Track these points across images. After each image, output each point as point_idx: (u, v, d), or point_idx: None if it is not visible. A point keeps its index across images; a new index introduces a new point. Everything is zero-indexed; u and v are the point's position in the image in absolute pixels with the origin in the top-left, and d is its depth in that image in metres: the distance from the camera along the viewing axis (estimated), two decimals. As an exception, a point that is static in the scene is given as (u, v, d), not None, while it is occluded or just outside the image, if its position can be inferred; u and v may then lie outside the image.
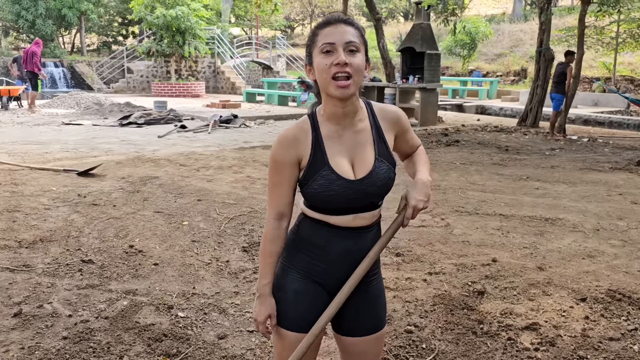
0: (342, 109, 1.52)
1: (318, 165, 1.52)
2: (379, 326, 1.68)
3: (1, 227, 4.31)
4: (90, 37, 40.12)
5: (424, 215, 4.93)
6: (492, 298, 3.26)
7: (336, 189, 1.50)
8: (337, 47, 1.46)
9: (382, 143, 1.59)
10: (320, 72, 1.47)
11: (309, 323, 1.58)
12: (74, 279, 3.46)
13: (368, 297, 1.65)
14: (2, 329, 2.80)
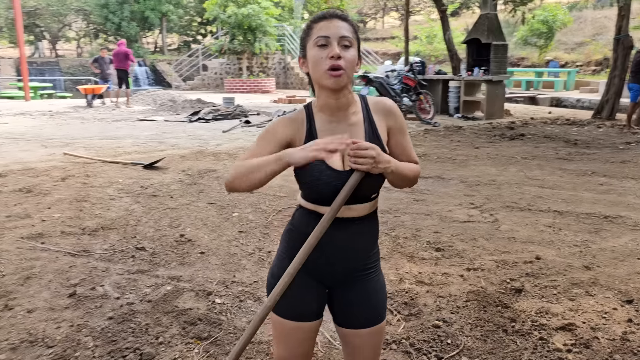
0: (335, 101, 1.56)
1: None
2: (375, 321, 1.69)
3: (69, 215, 4.69)
4: (171, 37, 42.05)
5: (468, 210, 4.83)
6: (529, 296, 3.16)
7: (325, 179, 1.52)
8: (332, 40, 1.49)
9: (374, 136, 1.60)
10: (315, 64, 1.51)
11: (300, 312, 1.64)
12: (127, 264, 3.71)
13: (364, 290, 1.67)
14: (57, 308, 3.07)
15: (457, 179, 6.07)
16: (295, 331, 1.66)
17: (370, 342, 1.71)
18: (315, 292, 1.66)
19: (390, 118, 1.65)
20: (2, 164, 6.73)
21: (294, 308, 1.64)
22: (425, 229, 4.32)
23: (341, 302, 1.69)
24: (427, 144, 8.61)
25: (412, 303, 3.12)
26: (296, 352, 1.71)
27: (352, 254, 1.63)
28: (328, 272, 1.64)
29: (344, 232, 1.59)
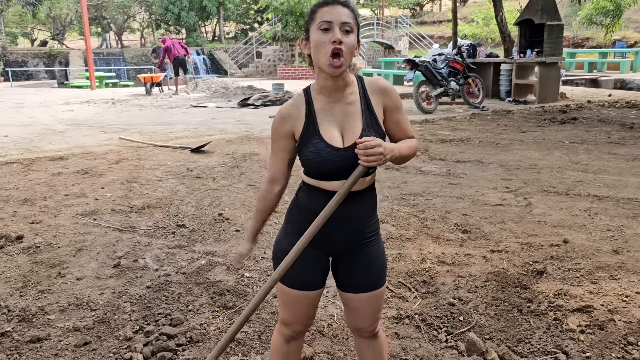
0: (332, 83, 1.65)
1: (310, 134, 1.65)
2: (375, 286, 1.79)
3: (120, 194, 5.04)
4: (229, 25, 42.92)
5: (502, 194, 4.81)
6: (550, 279, 3.17)
7: (325, 155, 1.63)
8: (334, 25, 1.57)
9: (370, 115, 1.69)
10: (317, 47, 1.59)
11: (304, 282, 1.76)
12: (167, 240, 3.99)
13: (364, 257, 1.77)
14: (102, 276, 3.37)
15: (496, 163, 6.01)
16: (300, 299, 1.79)
17: (369, 305, 1.82)
18: (319, 262, 1.77)
19: (385, 97, 1.74)
20: (65, 148, 7.25)
21: (299, 278, 1.76)
22: (454, 212, 4.36)
23: (344, 269, 1.80)
24: (472, 128, 8.50)
25: (431, 282, 3.20)
26: (299, 317, 1.84)
27: (352, 225, 1.73)
28: (331, 243, 1.75)
29: (345, 205, 1.66)
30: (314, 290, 1.80)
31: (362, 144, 1.56)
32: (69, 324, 2.80)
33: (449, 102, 11.58)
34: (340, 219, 1.70)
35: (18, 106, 12.78)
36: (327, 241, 1.74)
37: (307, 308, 1.83)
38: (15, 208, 4.67)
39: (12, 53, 27.51)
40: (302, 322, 1.86)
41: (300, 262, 1.73)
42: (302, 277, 1.77)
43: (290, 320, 1.86)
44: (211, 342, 2.61)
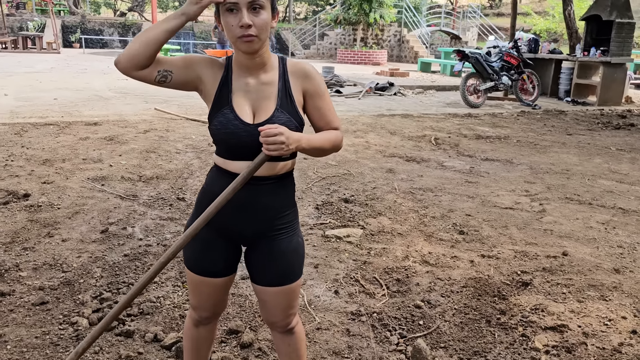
0: (249, 61, 1.57)
1: (222, 102, 1.58)
2: (283, 281, 1.71)
3: (134, 163, 5.16)
4: (300, 5, 42.99)
5: (517, 197, 4.52)
6: (534, 292, 2.94)
7: (232, 128, 1.55)
8: (241, 6, 1.48)
9: (286, 97, 1.60)
10: (227, 30, 1.52)
11: (206, 268, 1.70)
12: (163, 211, 4.04)
13: (273, 250, 1.68)
14: (87, 240, 3.45)
15: (526, 165, 5.67)
16: (202, 284, 1.73)
17: (277, 300, 1.74)
18: (223, 250, 1.70)
19: (306, 81, 1.64)
20: (103, 115, 7.51)
21: (201, 264, 1.70)
22: (458, 211, 4.14)
23: (252, 261, 1.73)
24: (515, 126, 8.06)
25: (406, 281, 3.06)
26: (205, 303, 1.78)
27: (257, 214, 1.64)
28: (235, 232, 1.67)
29: (250, 191, 1.60)
30: (218, 277, 1.72)
31: (263, 131, 1.46)
32: (37, 282, 2.88)
33: (500, 97, 11.04)
34: (243, 206, 1.62)
35: (80, 72, 13.38)
36: (230, 228, 1.66)
37: (212, 294, 1.77)
38: (34, 167, 4.88)
39: (90, 22, 28.81)
40: (208, 308, 1.80)
41: (203, 246, 1.68)
42: (204, 263, 1.70)
43: (195, 304, 1.81)
44: (160, 316, 2.61)
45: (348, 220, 3.90)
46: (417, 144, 6.56)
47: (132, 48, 1.51)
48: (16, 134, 6.09)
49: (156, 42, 1.50)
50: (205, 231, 1.63)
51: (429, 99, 10.93)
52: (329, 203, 4.26)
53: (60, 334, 2.43)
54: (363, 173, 5.13)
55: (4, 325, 2.48)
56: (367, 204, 4.25)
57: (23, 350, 2.31)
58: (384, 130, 7.23)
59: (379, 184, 4.78)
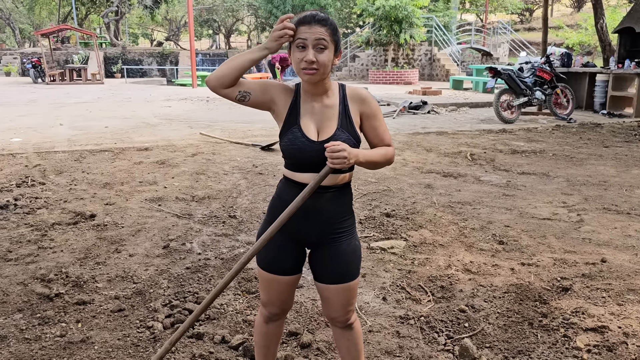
0: (313, 89, 1.84)
1: (291, 122, 1.84)
2: (343, 279, 1.93)
3: (186, 184, 5.51)
4: (330, 28, 43.73)
5: (555, 208, 4.65)
6: (574, 296, 3.09)
7: (299, 144, 1.81)
8: (308, 44, 1.75)
9: (346, 118, 1.85)
10: (295, 63, 1.80)
11: (276, 267, 1.93)
12: (217, 228, 4.33)
13: (334, 251, 1.91)
14: (151, 255, 3.76)
15: (563, 178, 5.77)
16: (273, 282, 1.97)
17: (339, 297, 1.96)
18: (292, 251, 1.93)
19: (363, 104, 1.90)
20: (153, 140, 7.96)
21: (272, 263, 1.95)
22: (497, 222, 4.30)
23: (316, 261, 1.96)
24: (550, 140, 8.14)
25: (450, 287, 3.24)
26: (273, 300, 2.02)
27: (320, 218, 1.88)
28: (302, 235, 1.91)
29: (314, 199, 1.83)
30: (285, 275, 1.96)
31: (329, 147, 1.72)
32: (112, 292, 3.19)
33: (534, 112, 11.09)
34: (309, 212, 1.86)
35: (125, 101, 14.06)
36: (297, 232, 1.90)
37: (280, 292, 1.99)
38: (96, 190, 5.27)
39: (130, 52, 30.09)
40: (276, 304, 2.03)
41: (274, 248, 1.92)
42: (275, 262, 1.94)
43: (265, 301, 2.04)
44: (225, 321, 2.87)
45: (391, 233, 4.11)
46: (453, 160, 6.74)
47: (221, 70, 1.81)
48: (76, 160, 6.55)
49: (240, 68, 1.80)
50: (277, 236, 1.88)
51: (463, 116, 11.08)
52: (372, 217, 4.48)
53: (139, 337, 2.72)
54: (402, 189, 5.34)
55: (89, 329, 2.78)
56: (408, 217, 4.46)
57: (108, 350, 2.60)
58: (420, 148, 7.43)
59: (418, 199, 4.98)
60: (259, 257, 1.98)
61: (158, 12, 35.51)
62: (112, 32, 32.71)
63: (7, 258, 3.66)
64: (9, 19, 35.64)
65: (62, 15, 37.64)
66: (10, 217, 4.51)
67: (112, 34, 32.64)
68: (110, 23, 32.50)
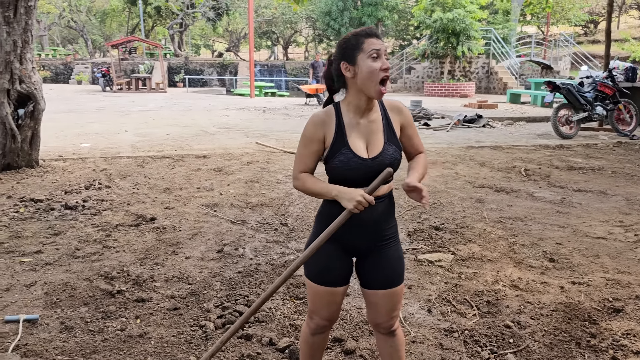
0: (367, 104, 1.92)
1: (339, 145, 1.89)
2: (391, 284, 1.99)
3: (241, 192, 5.71)
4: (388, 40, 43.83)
5: (611, 227, 4.52)
6: (626, 318, 3.02)
7: (353, 165, 1.87)
8: (381, 54, 1.85)
9: (390, 130, 1.94)
10: (370, 73, 1.83)
11: (327, 279, 1.98)
12: (269, 234, 4.49)
13: (382, 257, 1.98)
14: (206, 258, 3.95)
15: (621, 196, 5.59)
16: (324, 294, 2.01)
17: (386, 302, 2.02)
18: (341, 261, 2.00)
19: (402, 115, 1.99)
20: (210, 148, 8.28)
21: (323, 275, 2.00)
22: (549, 240, 4.23)
23: (364, 268, 2.03)
24: (610, 157, 7.86)
25: (496, 303, 3.24)
26: (323, 311, 2.06)
27: (373, 228, 1.95)
28: (353, 245, 1.98)
29: (368, 210, 1.89)
30: (335, 287, 2.01)
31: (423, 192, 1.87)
32: (168, 292, 3.38)
33: (595, 128, 10.72)
34: (362, 222, 1.93)
35: (186, 109, 14.64)
36: (350, 241, 1.97)
37: (330, 303, 2.04)
38: (157, 195, 5.56)
39: (192, 62, 31.25)
40: (325, 316, 2.07)
41: (324, 259, 1.98)
42: (324, 274, 1.99)
43: (313, 312, 2.08)
44: (273, 324, 2.99)
45: (439, 246, 4.13)
46: (506, 175, 6.65)
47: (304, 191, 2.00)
48: (139, 166, 6.92)
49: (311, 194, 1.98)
50: (327, 246, 1.95)
51: (519, 130, 10.86)
52: (420, 230, 4.51)
53: (192, 334, 2.88)
54: (452, 202, 5.33)
55: (147, 325, 2.97)
56: (457, 231, 4.46)
57: (164, 345, 2.77)
58: (473, 162, 7.37)
59: (468, 213, 4.97)
60: (308, 269, 2.03)
61: (220, 24, 36.71)
62: (176, 43, 34.08)
63: (75, 255, 3.94)
64: (82, 30, 37.82)
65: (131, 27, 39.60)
66: (78, 217, 4.84)
67: (176, 45, 34.01)
68: (174, 34, 33.89)
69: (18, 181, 6.11)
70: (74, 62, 31.79)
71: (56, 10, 35.24)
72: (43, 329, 2.91)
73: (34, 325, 2.93)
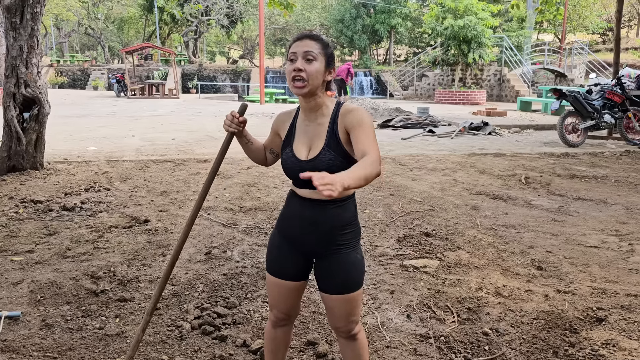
0: (305, 104, 1.94)
1: (286, 144, 1.98)
2: (343, 291, 1.99)
3: (236, 195, 5.74)
4: (401, 48, 43.84)
5: (606, 236, 4.45)
6: (608, 328, 2.97)
7: (289, 164, 1.93)
8: (298, 56, 1.87)
9: (333, 136, 1.89)
10: (287, 75, 1.92)
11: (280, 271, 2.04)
12: (258, 238, 4.50)
13: (336, 262, 1.97)
14: (193, 260, 3.98)
15: (621, 205, 5.50)
16: (276, 285, 2.06)
17: (341, 307, 2.02)
18: (293, 258, 2.03)
19: (346, 117, 1.88)
20: (213, 152, 8.34)
21: (275, 266, 2.06)
22: (539, 248, 4.18)
23: (319, 271, 2.04)
24: (616, 166, 7.75)
25: (477, 310, 3.20)
26: (279, 303, 2.10)
27: (323, 231, 1.95)
28: (303, 243, 2.00)
29: (313, 210, 1.93)
30: (289, 280, 2.04)
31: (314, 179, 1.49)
32: (151, 292, 3.41)
33: (604, 136, 10.59)
34: (311, 223, 1.94)
35: (195, 115, 14.77)
36: (302, 244, 1.99)
37: (285, 296, 2.07)
38: (153, 198, 5.62)
39: (206, 69, 31.53)
40: (282, 309, 2.10)
41: (281, 255, 2.03)
42: (278, 267, 2.05)
43: (272, 304, 2.13)
44: (250, 326, 3.00)
45: (427, 253, 4.11)
46: (505, 182, 6.59)
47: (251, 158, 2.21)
48: (140, 169, 7.00)
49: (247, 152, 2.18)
50: (280, 240, 2.03)
51: (525, 138, 10.76)
52: (411, 236, 4.49)
53: (168, 334, 2.89)
54: (447, 209, 5.30)
55: (125, 325, 2.99)
56: (447, 238, 4.43)
57: (139, 344, 2.79)
58: (473, 169, 7.32)
59: (461, 220, 4.93)
60: (266, 259, 2.11)
61: (234, 31, 37.05)
62: (190, 50, 34.45)
63: (65, 255, 3.99)
64: (99, 37, 38.45)
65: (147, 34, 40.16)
66: (74, 218, 4.90)
67: (190, 51, 34.38)
68: (189, 41, 34.27)
69: (21, 183, 6.22)
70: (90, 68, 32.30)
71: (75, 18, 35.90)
72: (24, 325, 2.95)
73: (15, 322, 2.98)
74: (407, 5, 34.54)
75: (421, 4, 36.52)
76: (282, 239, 2.03)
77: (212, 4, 31.81)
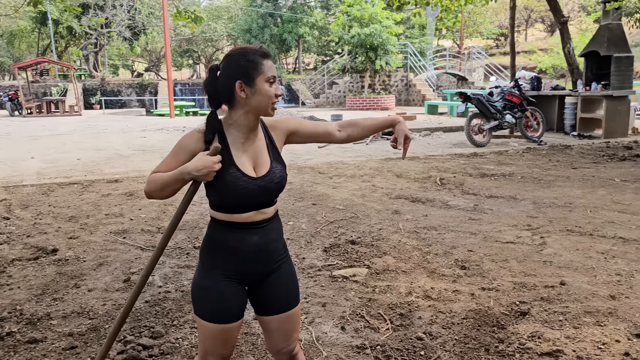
0: (254, 124, 1.84)
1: (226, 165, 1.78)
2: (287, 307, 1.92)
3: (152, 216, 5.46)
4: (310, 56, 44.36)
5: (519, 231, 4.69)
6: (531, 320, 3.09)
7: (242, 184, 1.77)
8: (276, 79, 1.82)
9: (274, 148, 1.90)
10: (266, 97, 1.78)
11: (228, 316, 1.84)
12: (180, 260, 4.28)
13: (277, 279, 1.90)
14: (111, 289, 3.70)
15: (529, 200, 5.84)
16: (221, 332, 1.85)
17: (284, 326, 1.94)
18: (238, 295, 1.86)
19: (279, 125, 1.96)
20: (123, 171, 7.91)
21: (220, 313, 1.84)
22: (461, 247, 4.32)
23: (261, 295, 1.92)
24: (520, 163, 8.26)
25: (409, 315, 3.23)
26: (221, 350, 1.89)
27: (268, 252, 1.86)
28: (250, 273, 1.87)
29: (257, 233, 1.82)
30: (232, 323, 1.86)
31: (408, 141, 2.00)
32: (66, 329, 3.11)
33: (507, 135, 11.30)
34: (258, 249, 1.84)
35: (100, 132, 14.00)
36: (250, 271, 1.86)
37: (227, 340, 1.89)
38: (60, 224, 5.20)
39: (109, 83, 30.06)
40: (222, 354, 1.91)
41: (221, 297, 1.83)
42: (223, 311, 1.84)
43: (208, 353, 1.91)
44: (179, 356, 2.82)
45: (354, 261, 4.10)
46: (422, 185, 6.80)
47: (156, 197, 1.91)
48: (43, 194, 6.47)
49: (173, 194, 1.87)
50: (220, 283, 1.83)
51: (436, 140, 11.22)
52: (337, 245, 4.48)
53: (88, 375, 2.65)
54: (369, 215, 5.36)
55: (37, 370, 2.70)
56: (373, 244, 4.46)
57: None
58: (391, 174, 7.49)
59: (384, 225, 5.00)
60: (202, 310, 1.86)
61: (137, 43, 35.69)
62: (91, 64, 32.73)
63: (-40, 297, 3.57)
64: (-14, 52, 35.49)
65: (42, 48, 37.65)
66: (-32, 254, 4.41)
67: (91, 65, 32.66)
68: (89, 55, 32.55)
69: None
70: (-23, 85, 29.68)
71: (-43, 31, 32.91)
72: None
73: None
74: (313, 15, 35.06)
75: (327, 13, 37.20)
76: (222, 281, 1.83)
77: (113, 16, 30.44)
